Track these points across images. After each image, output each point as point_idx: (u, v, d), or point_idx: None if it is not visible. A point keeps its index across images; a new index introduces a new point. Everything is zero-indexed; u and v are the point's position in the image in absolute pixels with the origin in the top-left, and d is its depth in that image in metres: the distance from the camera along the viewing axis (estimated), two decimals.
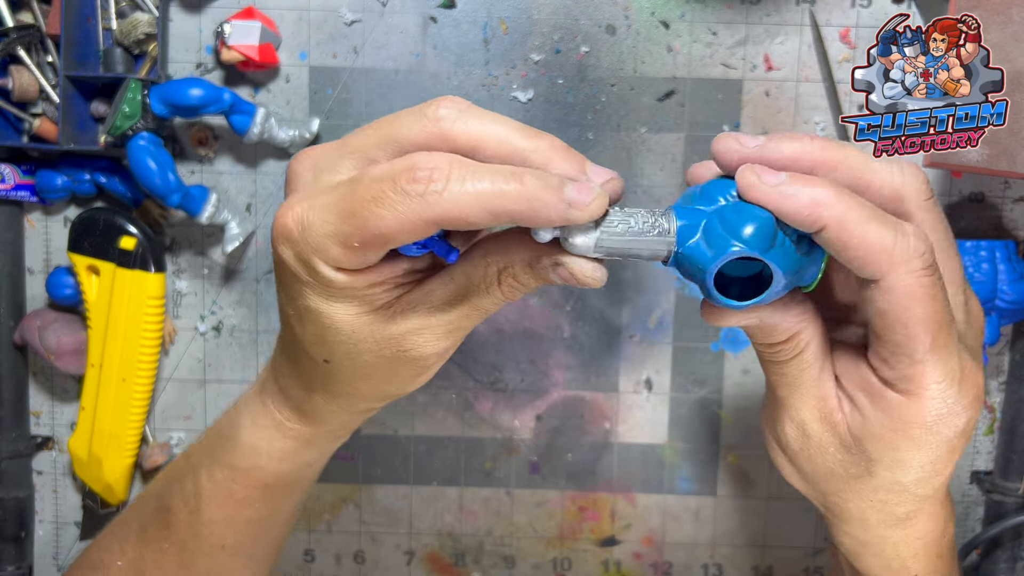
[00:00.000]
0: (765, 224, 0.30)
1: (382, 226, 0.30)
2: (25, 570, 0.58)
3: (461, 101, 0.33)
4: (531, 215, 0.30)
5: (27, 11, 0.53)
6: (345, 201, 0.31)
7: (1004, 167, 0.43)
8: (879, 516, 0.36)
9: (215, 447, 0.43)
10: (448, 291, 0.35)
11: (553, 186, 0.30)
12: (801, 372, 0.34)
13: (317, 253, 0.32)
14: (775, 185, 0.30)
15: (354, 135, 0.34)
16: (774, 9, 0.54)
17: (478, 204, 0.30)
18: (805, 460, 0.36)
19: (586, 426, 0.58)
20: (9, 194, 0.55)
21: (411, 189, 0.30)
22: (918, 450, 0.33)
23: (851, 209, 0.30)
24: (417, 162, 0.30)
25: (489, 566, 0.60)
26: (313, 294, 0.34)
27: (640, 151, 0.55)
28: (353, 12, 0.54)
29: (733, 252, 0.30)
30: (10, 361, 0.57)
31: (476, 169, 0.30)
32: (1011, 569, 0.57)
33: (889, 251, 0.30)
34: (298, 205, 0.33)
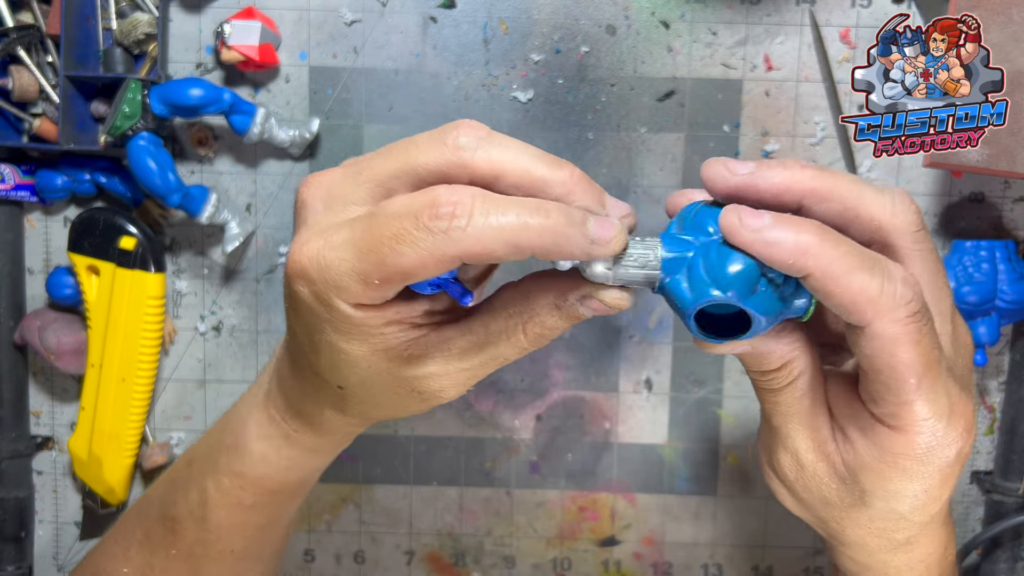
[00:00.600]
0: (746, 270, 0.30)
1: (403, 263, 0.30)
2: (25, 570, 0.58)
3: (480, 127, 0.32)
4: (554, 250, 0.30)
5: (27, 11, 0.53)
6: (364, 238, 0.30)
7: (1004, 167, 0.43)
8: (879, 542, 0.36)
9: (220, 456, 0.43)
10: (466, 341, 0.34)
11: (577, 222, 0.30)
12: (794, 401, 0.34)
13: (335, 291, 0.31)
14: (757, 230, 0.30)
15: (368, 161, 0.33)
16: (774, 9, 0.54)
17: (502, 239, 0.29)
18: (801, 489, 0.36)
19: (586, 426, 0.58)
20: (9, 194, 0.55)
21: (434, 226, 0.29)
22: (910, 481, 0.33)
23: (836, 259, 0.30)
24: (439, 197, 0.29)
25: (489, 566, 0.60)
26: (330, 329, 0.33)
27: (640, 151, 0.55)
28: (353, 12, 0.54)
29: (711, 298, 0.30)
30: (10, 361, 0.57)
31: (499, 203, 0.29)
32: (1011, 569, 0.57)
33: (875, 300, 0.30)
34: (313, 241, 0.32)
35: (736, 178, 0.32)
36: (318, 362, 0.36)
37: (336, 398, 0.38)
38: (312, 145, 0.55)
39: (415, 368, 0.34)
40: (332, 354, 0.34)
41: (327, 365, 0.35)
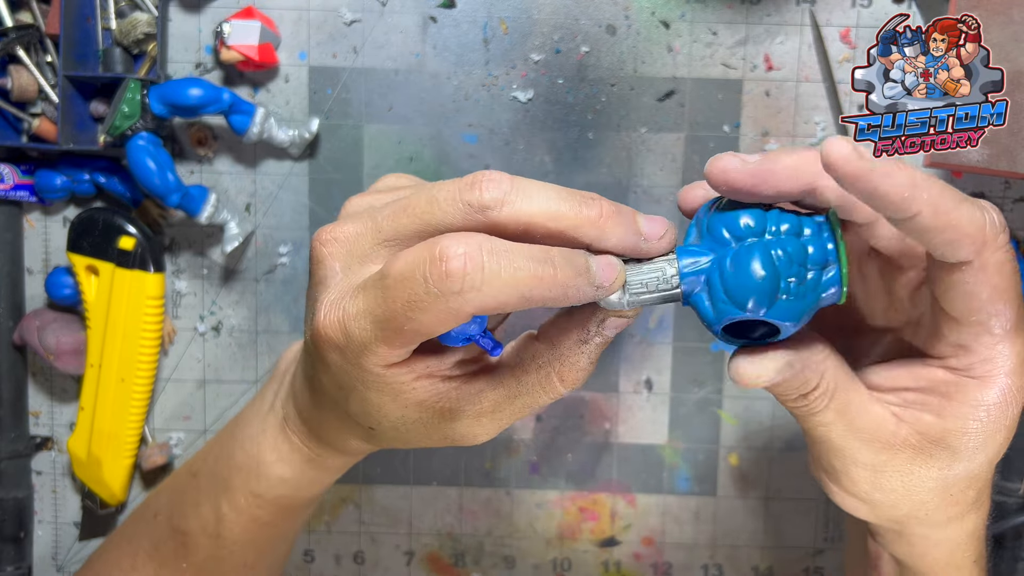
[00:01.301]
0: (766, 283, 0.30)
1: (420, 328, 0.30)
2: (24, 570, 0.58)
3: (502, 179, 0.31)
4: (563, 300, 0.30)
5: (26, 11, 0.53)
6: (378, 307, 0.30)
7: (1004, 167, 0.43)
8: (955, 509, 0.36)
9: (232, 476, 0.43)
10: (498, 395, 0.34)
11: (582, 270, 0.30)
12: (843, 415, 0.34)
13: (364, 356, 0.32)
14: (872, 163, 0.29)
15: (389, 219, 0.32)
16: (774, 9, 0.54)
17: (516, 293, 0.29)
18: (883, 493, 0.35)
19: (586, 426, 0.58)
20: (8, 194, 0.55)
21: (444, 288, 0.28)
22: (997, 432, 0.33)
23: (944, 193, 0.29)
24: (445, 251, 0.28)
25: (489, 566, 0.60)
26: (364, 388, 0.33)
27: (640, 151, 0.55)
28: (353, 12, 0.54)
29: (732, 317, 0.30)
30: (9, 361, 0.57)
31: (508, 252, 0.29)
32: (1012, 569, 0.57)
33: (983, 230, 0.29)
34: (333, 312, 0.32)
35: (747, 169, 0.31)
36: (348, 408, 0.36)
37: (364, 435, 0.38)
38: (312, 145, 0.55)
39: (447, 419, 0.34)
40: (363, 405, 0.34)
41: (358, 412, 0.35)
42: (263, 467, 0.42)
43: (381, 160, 0.55)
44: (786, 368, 0.32)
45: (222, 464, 0.44)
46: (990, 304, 0.31)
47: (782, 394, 0.33)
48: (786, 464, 0.58)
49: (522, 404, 0.34)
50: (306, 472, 0.42)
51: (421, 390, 0.34)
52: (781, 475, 0.58)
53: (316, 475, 0.42)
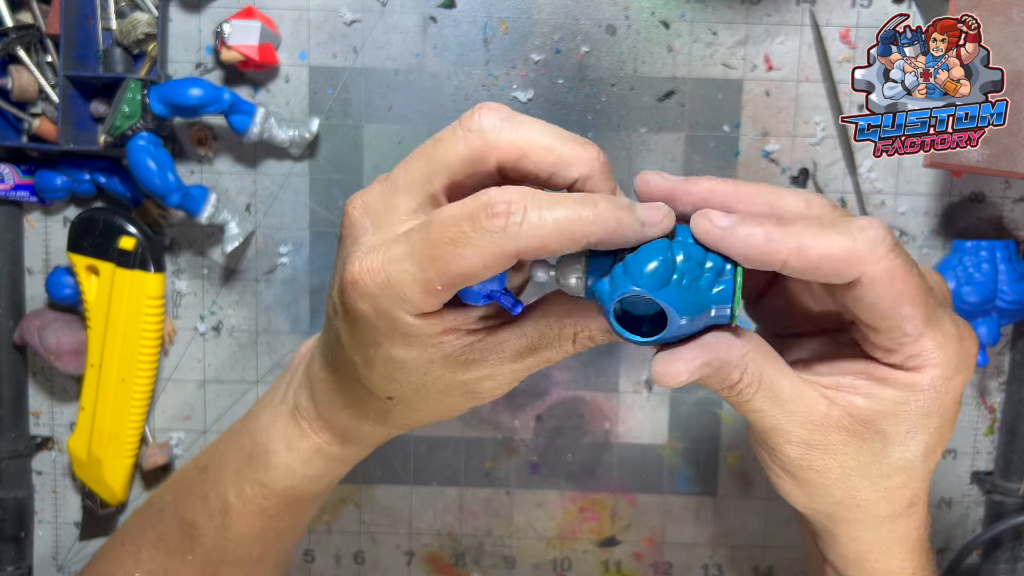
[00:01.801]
0: (661, 265, 0.31)
1: (465, 265, 0.30)
2: (25, 570, 0.58)
3: (501, 107, 0.33)
4: (608, 236, 0.31)
5: (27, 11, 0.53)
6: (424, 248, 0.31)
7: (1004, 167, 0.43)
8: (889, 508, 0.36)
9: (241, 466, 0.43)
10: (521, 344, 0.35)
11: (626, 207, 0.31)
12: (773, 399, 0.34)
13: (398, 304, 0.32)
14: (728, 227, 0.31)
15: (398, 170, 0.34)
16: (774, 9, 0.54)
17: (558, 231, 0.30)
18: (816, 472, 0.36)
19: (586, 426, 0.58)
20: (9, 194, 0.55)
21: (491, 225, 0.30)
22: (928, 417, 0.34)
23: (803, 232, 0.31)
24: (492, 198, 0.30)
25: (489, 566, 0.60)
26: (387, 343, 0.34)
27: (640, 151, 0.55)
28: (353, 12, 0.54)
29: (624, 292, 0.31)
30: (10, 361, 0.57)
31: (549, 198, 0.31)
32: (1011, 569, 0.57)
33: (855, 252, 0.31)
34: (370, 258, 0.32)
35: (668, 183, 0.34)
36: (370, 376, 0.36)
37: (380, 410, 0.38)
38: (312, 145, 0.55)
39: (471, 371, 0.35)
40: (388, 366, 0.35)
41: (380, 377, 0.36)
42: (271, 456, 0.42)
43: (381, 160, 0.55)
44: (702, 368, 0.33)
45: (231, 455, 0.44)
46: (894, 310, 0.32)
47: (706, 385, 0.34)
48: None
49: (540, 357, 0.35)
50: (313, 462, 0.42)
51: (447, 344, 0.34)
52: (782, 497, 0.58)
53: (323, 466, 0.42)
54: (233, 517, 0.43)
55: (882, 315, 0.32)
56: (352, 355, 0.36)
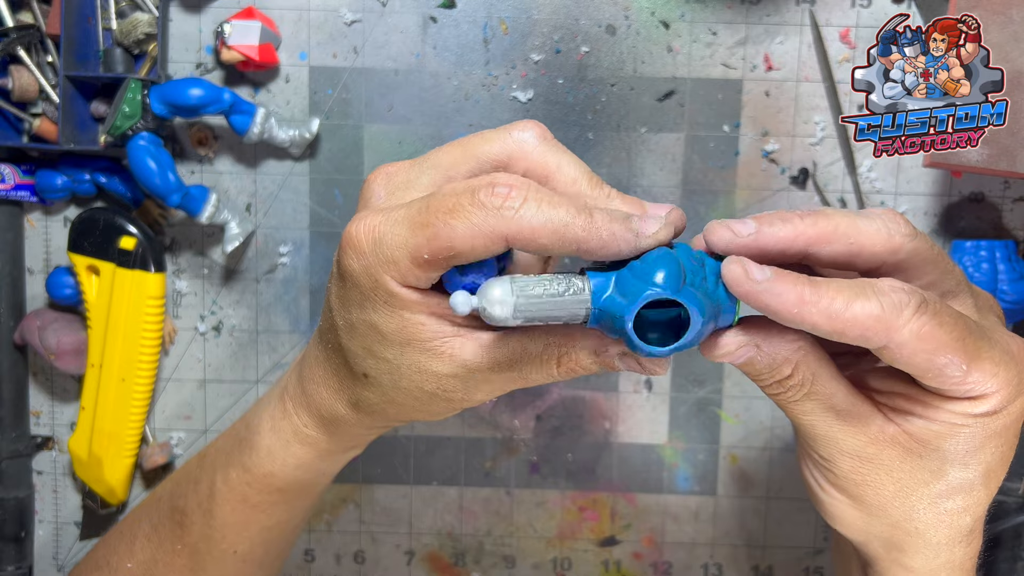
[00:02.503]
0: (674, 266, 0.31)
1: (454, 237, 0.31)
2: (25, 570, 0.58)
3: (544, 129, 0.35)
4: (600, 246, 0.31)
5: (27, 11, 0.53)
6: (420, 213, 0.32)
7: (1004, 167, 0.43)
8: (947, 534, 0.35)
9: (232, 449, 0.43)
10: (501, 354, 0.34)
11: (620, 219, 0.32)
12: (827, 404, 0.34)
13: (385, 266, 0.33)
14: (762, 282, 0.31)
15: (435, 151, 0.35)
16: (774, 9, 0.54)
17: (550, 228, 0.31)
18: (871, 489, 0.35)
19: (586, 426, 0.58)
20: (9, 194, 0.55)
21: (488, 202, 0.31)
22: (988, 439, 0.33)
23: (835, 296, 0.30)
24: (496, 178, 0.31)
25: (489, 566, 0.60)
26: (371, 308, 0.34)
27: (640, 151, 0.55)
28: (353, 12, 0.54)
29: (647, 296, 0.30)
30: (10, 361, 0.57)
31: (552, 196, 0.31)
32: (1011, 569, 0.57)
33: (882, 319, 0.30)
34: (370, 218, 0.33)
35: (741, 239, 0.32)
36: (350, 343, 0.36)
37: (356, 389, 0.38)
38: (312, 145, 0.55)
39: (445, 365, 0.35)
40: (367, 334, 0.35)
41: (360, 350, 0.36)
42: (255, 437, 0.42)
43: (381, 160, 0.55)
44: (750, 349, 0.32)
45: (227, 441, 0.45)
46: (930, 364, 0.31)
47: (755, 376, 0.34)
48: (786, 464, 0.58)
49: (518, 373, 0.35)
50: (291, 446, 0.42)
51: (428, 326, 0.34)
52: (781, 475, 0.58)
53: (302, 453, 0.42)
54: (218, 502, 0.43)
55: (920, 369, 0.31)
56: (337, 318, 0.36)
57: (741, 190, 0.55)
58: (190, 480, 0.45)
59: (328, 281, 0.38)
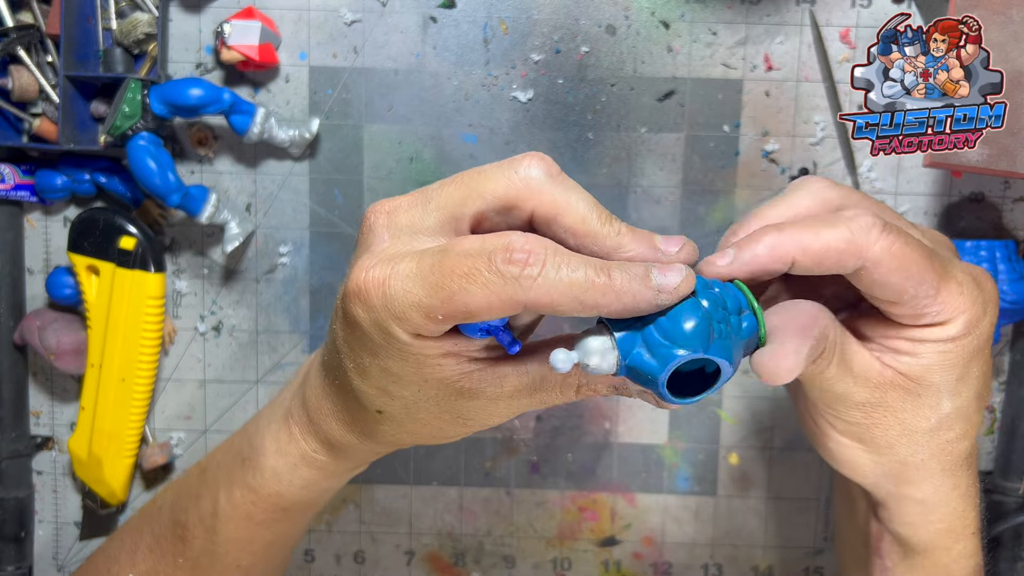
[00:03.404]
0: (701, 322, 0.31)
1: (470, 302, 0.30)
2: (25, 570, 0.58)
3: (551, 163, 0.34)
4: (620, 308, 0.31)
5: (27, 11, 0.53)
6: (434, 273, 0.31)
7: (1004, 167, 0.43)
8: (951, 460, 0.38)
9: (234, 468, 0.43)
10: (520, 382, 0.34)
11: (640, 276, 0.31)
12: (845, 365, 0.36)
13: (396, 320, 0.32)
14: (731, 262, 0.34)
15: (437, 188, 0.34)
16: (774, 9, 0.54)
17: (570, 294, 0.30)
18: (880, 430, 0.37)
19: (586, 426, 0.58)
20: (9, 194, 0.55)
21: (506, 270, 0.30)
22: (971, 362, 0.36)
23: (803, 229, 0.33)
24: (513, 243, 0.30)
25: (489, 566, 0.60)
26: (385, 355, 0.34)
27: (640, 151, 0.55)
28: (353, 12, 0.54)
29: (679, 359, 0.30)
30: (10, 361, 0.57)
31: (571, 259, 0.31)
32: (1011, 569, 0.57)
33: (853, 242, 0.33)
34: (378, 268, 0.32)
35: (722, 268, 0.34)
36: (362, 385, 0.36)
37: (368, 423, 0.38)
38: (312, 145, 0.55)
39: (465, 399, 0.35)
40: (382, 378, 0.34)
41: (373, 389, 0.35)
42: (261, 458, 0.42)
43: (381, 160, 0.55)
44: (812, 354, 0.33)
45: (229, 457, 0.44)
46: (906, 282, 0.33)
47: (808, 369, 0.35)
48: (786, 464, 0.58)
49: (540, 399, 0.35)
50: (299, 469, 0.42)
51: (446, 367, 0.34)
52: (781, 475, 0.58)
53: (309, 475, 0.42)
54: (222, 520, 0.43)
55: (895, 289, 0.33)
56: (346, 361, 0.35)
57: (741, 190, 0.55)
58: (191, 494, 0.45)
59: (331, 322, 0.37)
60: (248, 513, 0.43)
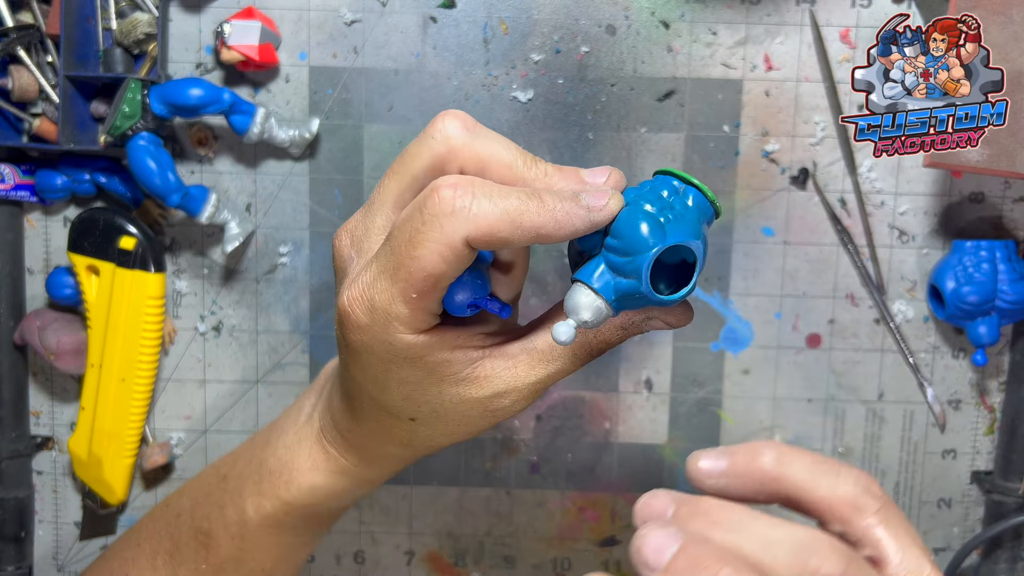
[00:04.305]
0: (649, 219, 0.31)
1: (426, 264, 0.31)
2: (25, 570, 0.58)
3: (465, 117, 0.34)
4: (556, 227, 0.31)
5: (27, 11, 0.53)
6: (389, 259, 0.31)
7: (1004, 167, 0.43)
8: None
9: (263, 480, 0.43)
10: (532, 358, 0.35)
11: (569, 197, 0.31)
12: None
13: (388, 326, 0.32)
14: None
15: (375, 190, 0.35)
16: (774, 9, 0.54)
17: (507, 218, 0.30)
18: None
19: (586, 426, 0.58)
20: (9, 194, 0.55)
21: (439, 210, 0.30)
22: None
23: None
24: (438, 185, 0.31)
25: (489, 566, 0.60)
26: (396, 366, 0.34)
27: (640, 151, 0.55)
28: (353, 12, 0.54)
29: (647, 260, 0.31)
30: (10, 361, 0.57)
31: (498, 188, 0.31)
32: (1011, 569, 0.57)
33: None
34: (353, 287, 0.33)
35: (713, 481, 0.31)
36: (388, 399, 0.36)
37: (405, 433, 0.38)
38: (312, 145, 0.55)
39: (485, 388, 0.35)
40: (403, 388, 0.35)
41: (398, 399, 0.36)
42: (296, 474, 0.42)
43: (381, 160, 0.55)
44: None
45: (253, 468, 0.44)
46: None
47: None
48: None
49: (554, 369, 0.35)
50: (339, 482, 0.42)
51: (455, 362, 0.34)
52: None
53: (348, 486, 0.42)
54: (250, 529, 0.43)
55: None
56: (365, 384, 0.36)
57: (741, 190, 0.55)
58: (213, 503, 0.45)
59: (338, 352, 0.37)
60: (279, 523, 0.43)
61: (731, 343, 0.57)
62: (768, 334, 0.57)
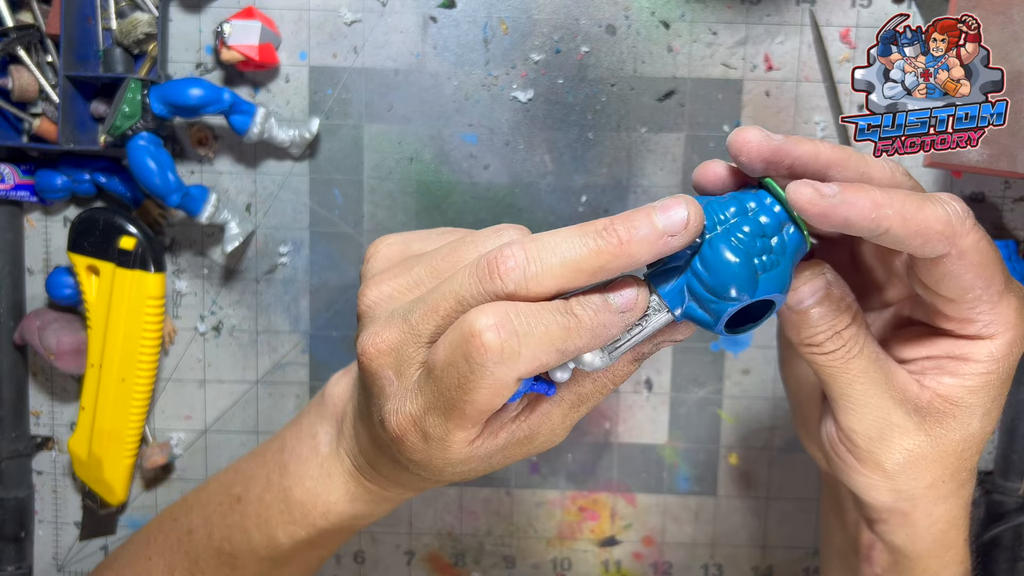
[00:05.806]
0: (741, 268, 0.30)
1: (481, 403, 0.31)
2: (25, 570, 0.58)
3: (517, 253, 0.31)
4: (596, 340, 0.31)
5: (27, 11, 0.53)
6: (438, 399, 0.32)
7: (1004, 167, 0.43)
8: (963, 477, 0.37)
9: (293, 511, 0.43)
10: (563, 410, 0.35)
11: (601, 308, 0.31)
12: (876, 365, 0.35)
13: (445, 449, 0.33)
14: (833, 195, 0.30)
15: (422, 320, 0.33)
16: (774, 9, 0.54)
17: (552, 349, 0.30)
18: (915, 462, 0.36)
19: (586, 426, 0.58)
20: (9, 194, 0.55)
21: (487, 360, 0.30)
22: (1007, 383, 0.35)
23: (906, 200, 0.31)
24: (475, 326, 0.30)
25: (489, 566, 0.60)
26: (452, 466, 0.35)
27: (640, 151, 0.55)
28: (353, 12, 0.54)
29: (732, 309, 0.31)
30: (10, 361, 0.57)
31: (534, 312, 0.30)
32: (1011, 569, 0.57)
33: (950, 224, 0.31)
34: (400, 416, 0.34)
35: (773, 142, 0.32)
36: (440, 478, 0.37)
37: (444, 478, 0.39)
38: (312, 145, 0.55)
39: (526, 447, 0.36)
40: (455, 468, 0.35)
41: (450, 476, 0.36)
42: (334, 507, 0.43)
43: (381, 160, 0.55)
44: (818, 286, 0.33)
45: (275, 496, 0.44)
46: (977, 280, 0.32)
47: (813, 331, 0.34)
48: (786, 464, 0.58)
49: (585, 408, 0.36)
50: (381, 507, 0.43)
51: (500, 438, 0.35)
52: (781, 475, 0.58)
53: (386, 508, 0.44)
54: (282, 552, 0.44)
55: (965, 286, 0.32)
56: (418, 471, 0.36)
57: None
58: (233, 526, 0.45)
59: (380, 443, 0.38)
60: (313, 543, 0.44)
61: (731, 343, 0.57)
62: (768, 334, 0.57)
